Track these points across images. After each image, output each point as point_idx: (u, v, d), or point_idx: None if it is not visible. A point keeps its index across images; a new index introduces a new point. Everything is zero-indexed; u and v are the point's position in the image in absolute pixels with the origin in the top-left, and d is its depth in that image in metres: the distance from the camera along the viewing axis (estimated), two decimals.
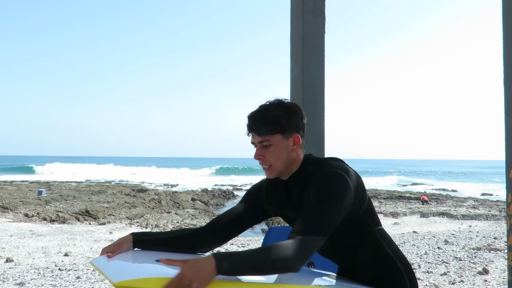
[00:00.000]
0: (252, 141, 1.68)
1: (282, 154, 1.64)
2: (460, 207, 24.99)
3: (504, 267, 8.44)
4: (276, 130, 1.62)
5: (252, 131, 1.66)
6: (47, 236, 13.54)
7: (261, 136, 1.63)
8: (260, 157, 1.64)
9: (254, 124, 1.64)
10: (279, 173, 1.69)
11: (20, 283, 7.16)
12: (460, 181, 59.11)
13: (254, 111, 1.67)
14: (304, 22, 2.48)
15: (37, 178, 49.36)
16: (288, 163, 1.66)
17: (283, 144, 1.64)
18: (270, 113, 1.63)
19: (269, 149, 1.63)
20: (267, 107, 1.65)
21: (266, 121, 1.61)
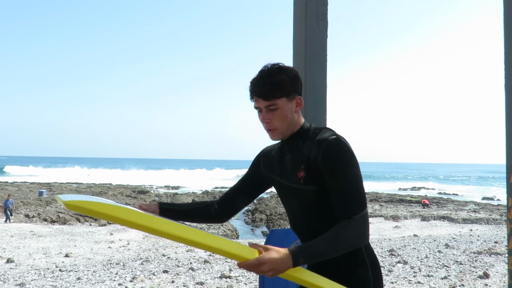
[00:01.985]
0: (257, 106, 1.71)
1: (288, 117, 1.71)
2: (461, 211, 24.96)
3: (504, 271, 8.42)
4: (282, 94, 1.67)
5: (258, 96, 1.68)
6: (48, 237, 13.55)
7: (268, 100, 1.67)
8: (267, 121, 1.69)
9: (260, 89, 1.67)
10: (283, 135, 1.74)
11: (21, 284, 7.16)
12: (461, 185, 59.04)
13: (258, 77, 1.70)
14: (307, 26, 2.50)
15: (38, 179, 49.32)
16: (292, 124, 1.73)
17: (288, 106, 1.70)
18: (276, 78, 1.67)
19: (275, 113, 1.69)
20: (270, 72, 1.69)
21: (273, 85, 1.66)
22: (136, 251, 11.06)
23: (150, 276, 7.83)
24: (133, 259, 9.64)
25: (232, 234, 17.11)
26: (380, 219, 21.58)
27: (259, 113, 1.73)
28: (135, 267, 8.70)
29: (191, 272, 8.21)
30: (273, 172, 1.84)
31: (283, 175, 1.77)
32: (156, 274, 8.00)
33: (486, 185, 58.02)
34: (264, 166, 1.90)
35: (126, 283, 7.28)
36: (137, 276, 7.75)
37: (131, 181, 48.74)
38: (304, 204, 1.71)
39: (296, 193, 1.71)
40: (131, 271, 8.25)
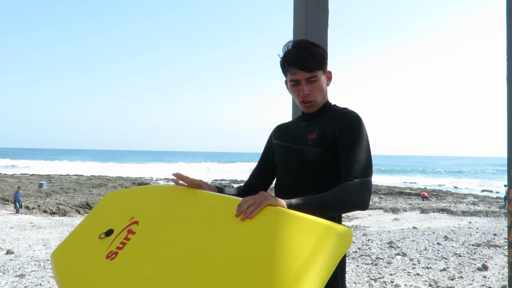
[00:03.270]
0: (295, 78, 1.72)
1: (324, 89, 1.78)
2: (460, 204, 25.01)
3: (503, 263, 8.45)
4: (321, 66, 1.74)
5: (299, 68, 1.70)
6: (48, 228, 13.58)
7: (310, 72, 1.70)
8: (307, 93, 1.72)
9: (304, 61, 1.69)
10: (318, 108, 1.80)
11: (21, 275, 7.18)
12: (460, 177, 59.14)
13: (298, 50, 1.71)
14: (307, 15, 2.47)
15: (38, 171, 49.34)
16: (324, 97, 1.81)
17: (323, 79, 1.77)
18: (316, 51, 1.73)
19: (314, 84, 1.73)
20: (308, 46, 1.73)
21: (315, 58, 1.71)
22: None
23: None
24: None
25: None
26: (380, 212, 21.63)
27: (294, 86, 1.75)
28: None
29: None
30: (280, 139, 1.88)
31: (291, 139, 1.82)
32: None
33: (486, 177, 58.11)
34: (275, 137, 1.94)
35: None
36: None
37: (130, 173, 48.77)
38: (301, 165, 1.74)
39: (298, 154, 1.75)
40: None
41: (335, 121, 1.71)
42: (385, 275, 7.51)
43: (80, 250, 1.68)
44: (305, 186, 1.72)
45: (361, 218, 18.94)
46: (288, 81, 1.78)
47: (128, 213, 1.75)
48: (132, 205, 1.81)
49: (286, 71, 1.76)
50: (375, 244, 10.64)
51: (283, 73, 1.81)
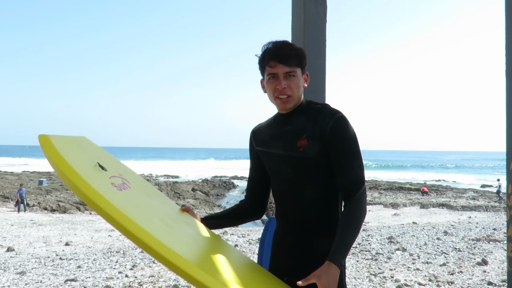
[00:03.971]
0: (274, 71, 1.71)
1: (300, 87, 1.75)
2: (460, 198, 25.04)
3: (503, 258, 8.47)
4: (301, 64, 1.74)
5: (279, 61, 1.70)
6: (48, 225, 13.59)
7: (289, 66, 1.70)
8: (285, 87, 1.71)
9: (284, 55, 1.70)
10: (293, 105, 1.77)
11: (21, 272, 7.19)
12: (460, 172, 59.16)
13: (280, 43, 1.73)
14: (306, 11, 2.46)
15: (38, 168, 49.33)
16: (299, 96, 1.77)
17: (301, 79, 1.76)
18: (296, 48, 1.74)
19: (292, 80, 1.72)
20: (288, 43, 1.75)
21: (296, 53, 1.71)
22: None
23: (150, 264, 7.87)
24: (133, 247, 9.68)
25: None
26: (379, 207, 21.66)
27: (272, 79, 1.73)
28: (135, 255, 8.73)
29: None
30: (267, 147, 1.85)
31: (279, 146, 1.80)
32: (156, 262, 8.03)
33: (485, 172, 58.14)
34: (257, 144, 1.91)
35: (126, 271, 7.32)
36: (137, 264, 7.78)
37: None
38: (297, 172, 1.74)
39: (291, 161, 1.75)
40: (131, 259, 8.28)
41: (321, 123, 1.69)
42: (385, 270, 7.52)
43: (81, 158, 1.59)
44: (306, 188, 1.74)
45: None
46: (266, 75, 1.75)
47: (113, 164, 1.79)
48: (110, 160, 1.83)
49: (265, 65, 1.74)
50: (375, 239, 10.66)
51: (260, 70, 1.79)
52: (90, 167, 1.57)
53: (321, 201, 1.74)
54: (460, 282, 6.81)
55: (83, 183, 1.39)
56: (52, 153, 1.46)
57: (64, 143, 1.57)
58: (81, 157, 1.59)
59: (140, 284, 6.56)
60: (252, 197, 2.00)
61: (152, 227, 1.41)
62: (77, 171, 1.42)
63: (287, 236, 1.81)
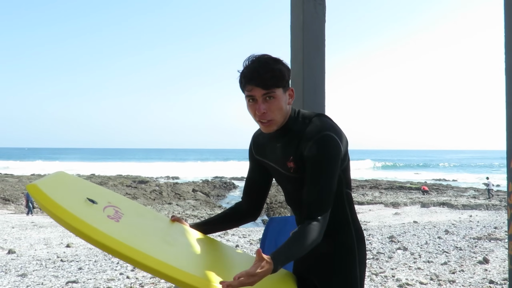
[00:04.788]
0: (251, 94, 1.64)
1: (283, 108, 1.68)
2: (461, 197, 25.03)
3: (504, 256, 8.46)
4: (281, 83, 1.65)
5: (256, 85, 1.63)
6: (49, 227, 13.59)
7: (267, 89, 1.62)
8: (264, 111, 1.64)
9: (260, 78, 1.62)
10: (277, 127, 1.71)
11: (23, 274, 7.19)
12: (460, 171, 59.14)
13: (256, 65, 1.64)
14: (304, 11, 2.46)
15: (37, 171, 49.32)
16: (284, 115, 1.70)
17: (283, 98, 1.67)
18: (276, 67, 1.64)
19: (272, 102, 1.64)
20: (267, 61, 1.65)
21: (274, 74, 1.63)
22: None
23: None
24: None
25: None
26: (380, 206, 21.66)
27: (251, 102, 1.66)
28: None
29: None
30: (266, 158, 1.86)
31: (276, 162, 1.78)
32: None
33: (487, 171, 58.12)
34: (257, 153, 1.91)
35: (127, 272, 7.32)
36: None
37: (131, 171, 48.77)
38: (295, 187, 1.75)
39: (288, 179, 1.76)
40: None
41: (303, 144, 1.65)
42: (386, 270, 7.52)
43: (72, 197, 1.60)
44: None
45: (361, 213, 18.97)
46: (245, 97, 1.69)
47: (102, 195, 1.80)
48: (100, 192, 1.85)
49: (243, 87, 1.68)
50: (376, 238, 10.66)
51: (241, 89, 1.71)
52: (83, 205, 1.58)
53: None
54: (461, 281, 6.80)
55: (88, 228, 1.43)
56: (46, 201, 1.50)
57: (51, 186, 1.60)
58: (70, 196, 1.61)
59: (141, 286, 6.56)
60: (249, 199, 1.99)
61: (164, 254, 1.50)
62: (78, 216, 1.45)
63: None
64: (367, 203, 22.94)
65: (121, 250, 1.41)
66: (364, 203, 22.88)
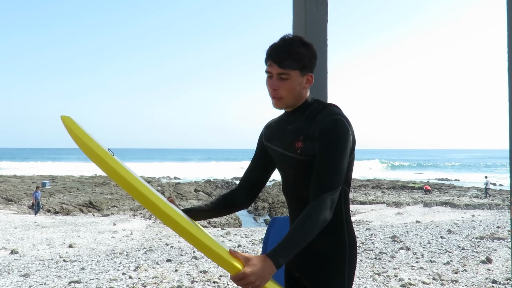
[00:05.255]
0: (269, 70, 1.70)
1: (295, 89, 1.71)
2: (463, 197, 24.97)
3: (507, 256, 8.44)
4: (298, 66, 1.68)
5: (273, 62, 1.68)
6: (51, 227, 13.61)
7: (282, 69, 1.67)
8: (275, 88, 1.69)
9: (278, 56, 1.66)
10: (286, 106, 1.76)
11: (25, 275, 7.20)
12: (463, 170, 59.02)
13: (279, 43, 1.69)
14: (307, 10, 2.46)
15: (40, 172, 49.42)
16: (297, 98, 1.74)
17: (298, 80, 1.70)
18: (295, 49, 1.67)
19: (285, 82, 1.69)
20: (292, 42, 1.69)
21: (291, 56, 1.66)
22: (139, 241, 11.11)
23: (153, 265, 7.87)
24: (137, 249, 9.69)
25: (235, 222, 17.18)
26: (383, 206, 21.64)
27: (269, 78, 1.72)
28: (138, 256, 8.74)
29: (195, 261, 8.24)
30: (272, 143, 1.87)
31: (282, 145, 1.80)
32: (160, 263, 8.04)
33: (488, 170, 58.00)
34: (266, 139, 1.93)
35: (129, 273, 7.32)
36: (141, 266, 7.79)
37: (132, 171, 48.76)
38: (297, 172, 1.74)
39: (292, 162, 1.74)
40: (134, 261, 8.29)
41: (316, 125, 1.67)
42: (388, 269, 7.51)
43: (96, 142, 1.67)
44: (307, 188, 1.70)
45: (364, 213, 18.95)
46: (265, 71, 1.75)
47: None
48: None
49: (265, 61, 1.74)
50: (378, 238, 10.64)
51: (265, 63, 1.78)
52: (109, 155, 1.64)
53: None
54: (464, 281, 6.79)
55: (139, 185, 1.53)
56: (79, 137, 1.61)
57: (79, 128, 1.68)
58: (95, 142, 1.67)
59: (143, 286, 6.56)
60: (245, 188, 1.99)
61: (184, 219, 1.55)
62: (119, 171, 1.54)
63: None
64: (369, 203, 22.92)
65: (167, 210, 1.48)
66: (366, 203, 22.86)
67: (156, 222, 15.85)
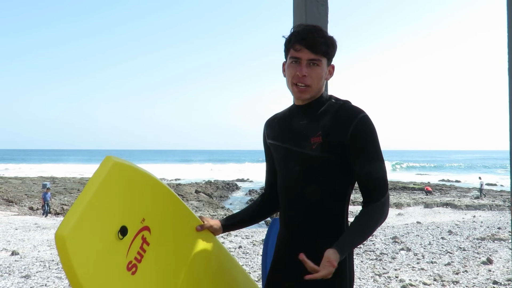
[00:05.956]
0: (298, 55, 1.59)
1: (322, 78, 1.63)
2: (464, 198, 24.95)
3: (508, 257, 8.43)
4: (328, 54, 1.62)
5: (305, 46, 1.57)
6: (52, 229, 13.61)
7: (315, 54, 1.58)
8: (305, 74, 1.59)
9: (313, 40, 1.57)
10: (311, 96, 1.65)
11: (26, 276, 7.21)
12: (464, 171, 58.98)
13: (311, 27, 1.61)
14: (307, 12, 2.46)
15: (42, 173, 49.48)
16: (320, 89, 1.66)
17: (325, 69, 1.63)
18: (328, 36, 1.62)
19: (315, 69, 1.60)
20: (322, 29, 1.63)
21: (326, 42, 1.60)
22: None
23: None
24: None
25: None
26: None
27: (294, 64, 1.62)
28: None
29: None
30: (277, 140, 1.75)
31: (291, 140, 1.68)
32: None
33: (489, 171, 57.93)
34: (269, 137, 1.82)
35: None
36: None
37: None
38: (305, 170, 1.64)
39: (302, 158, 1.64)
40: None
41: (342, 122, 1.57)
42: (389, 270, 7.51)
43: (96, 242, 1.48)
44: (311, 188, 1.64)
45: None
46: (288, 58, 1.63)
47: (139, 208, 1.65)
48: (141, 197, 1.67)
49: (290, 47, 1.62)
50: (379, 239, 10.64)
51: (285, 52, 1.67)
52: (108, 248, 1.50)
53: (326, 204, 1.63)
54: (465, 282, 6.78)
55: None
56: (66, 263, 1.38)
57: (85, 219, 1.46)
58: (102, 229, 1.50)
59: None
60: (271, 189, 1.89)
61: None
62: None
63: (289, 239, 1.72)
64: None
65: None
66: None
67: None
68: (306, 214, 1.65)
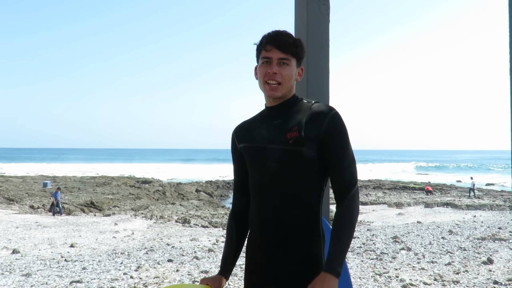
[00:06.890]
0: (269, 55, 1.69)
1: (292, 78, 1.72)
2: (465, 197, 24.92)
3: (508, 257, 8.43)
4: (297, 54, 1.71)
5: (275, 46, 1.68)
6: (53, 227, 13.62)
7: (285, 53, 1.68)
8: (276, 72, 1.68)
9: (282, 41, 1.68)
10: (282, 94, 1.72)
11: (27, 274, 7.22)
12: (464, 171, 58.94)
13: (280, 32, 1.71)
14: (308, 11, 2.46)
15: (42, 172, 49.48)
16: (290, 89, 1.74)
17: (294, 70, 1.73)
18: (296, 38, 1.72)
19: (285, 68, 1.69)
20: (289, 32, 1.72)
21: (295, 42, 1.70)
22: (140, 241, 11.12)
23: (155, 265, 7.88)
24: (138, 249, 9.70)
25: None
26: (384, 206, 21.61)
27: (265, 64, 1.70)
28: (140, 256, 8.75)
29: (196, 261, 8.25)
30: (251, 141, 1.78)
31: (265, 139, 1.72)
32: (161, 263, 8.05)
33: (490, 171, 57.91)
34: (239, 142, 1.84)
35: (131, 272, 7.33)
36: (142, 266, 7.79)
37: (134, 172, 48.86)
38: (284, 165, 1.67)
39: (278, 154, 1.67)
40: (136, 261, 8.30)
41: (316, 119, 1.65)
42: (390, 270, 7.51)
43: None
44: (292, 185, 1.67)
45: (365, 213, 18.93)
46: (260, 59, 1.72)
47: None
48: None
49: (261, 49, 1.71)
50: (379, 239, 10.64)
51: (256, 55, 1.75)
52: None
53: (303, 196, 1.66)
54: (465, 282, 6.78)
55: None
56: None
57: None
58: None
59: (145, 285, 6.57)
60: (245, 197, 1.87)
61: None
62: None
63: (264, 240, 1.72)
64: (370, 203, 22.89)
65: None
66: (367, 203, 22.83)
67: (157, 222, 15.85)
68: (282, 207, 1.67)
